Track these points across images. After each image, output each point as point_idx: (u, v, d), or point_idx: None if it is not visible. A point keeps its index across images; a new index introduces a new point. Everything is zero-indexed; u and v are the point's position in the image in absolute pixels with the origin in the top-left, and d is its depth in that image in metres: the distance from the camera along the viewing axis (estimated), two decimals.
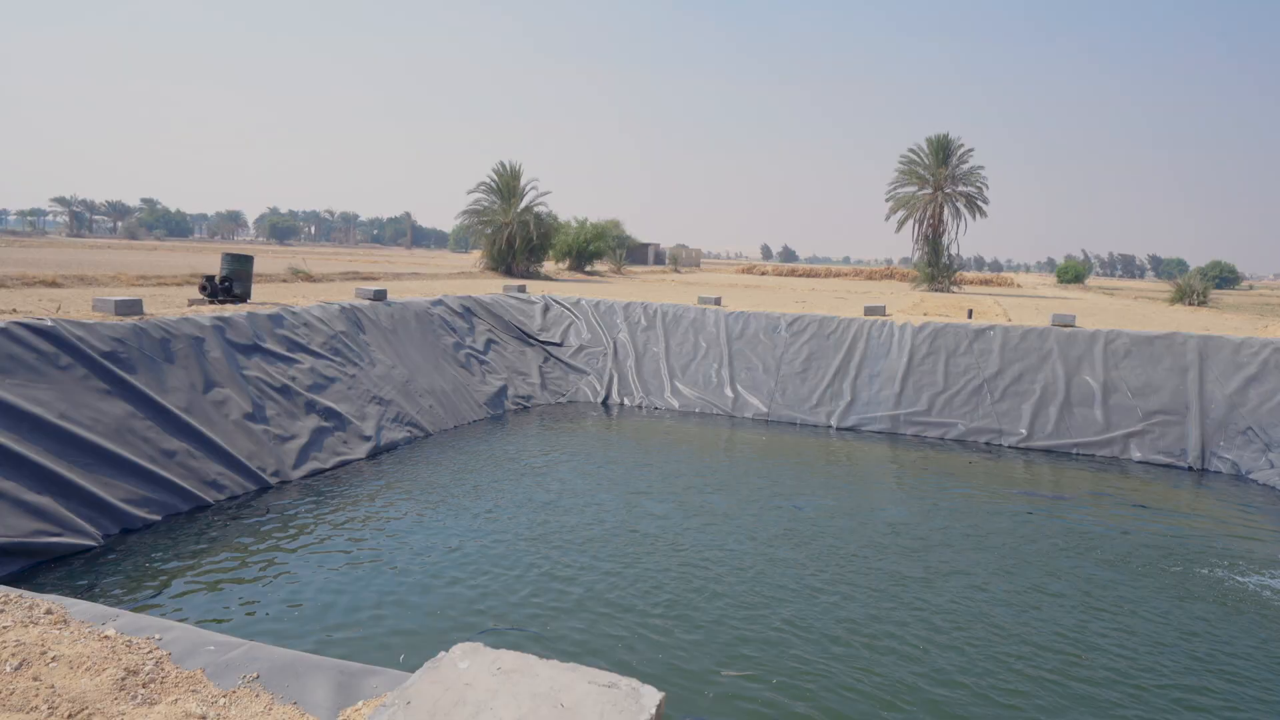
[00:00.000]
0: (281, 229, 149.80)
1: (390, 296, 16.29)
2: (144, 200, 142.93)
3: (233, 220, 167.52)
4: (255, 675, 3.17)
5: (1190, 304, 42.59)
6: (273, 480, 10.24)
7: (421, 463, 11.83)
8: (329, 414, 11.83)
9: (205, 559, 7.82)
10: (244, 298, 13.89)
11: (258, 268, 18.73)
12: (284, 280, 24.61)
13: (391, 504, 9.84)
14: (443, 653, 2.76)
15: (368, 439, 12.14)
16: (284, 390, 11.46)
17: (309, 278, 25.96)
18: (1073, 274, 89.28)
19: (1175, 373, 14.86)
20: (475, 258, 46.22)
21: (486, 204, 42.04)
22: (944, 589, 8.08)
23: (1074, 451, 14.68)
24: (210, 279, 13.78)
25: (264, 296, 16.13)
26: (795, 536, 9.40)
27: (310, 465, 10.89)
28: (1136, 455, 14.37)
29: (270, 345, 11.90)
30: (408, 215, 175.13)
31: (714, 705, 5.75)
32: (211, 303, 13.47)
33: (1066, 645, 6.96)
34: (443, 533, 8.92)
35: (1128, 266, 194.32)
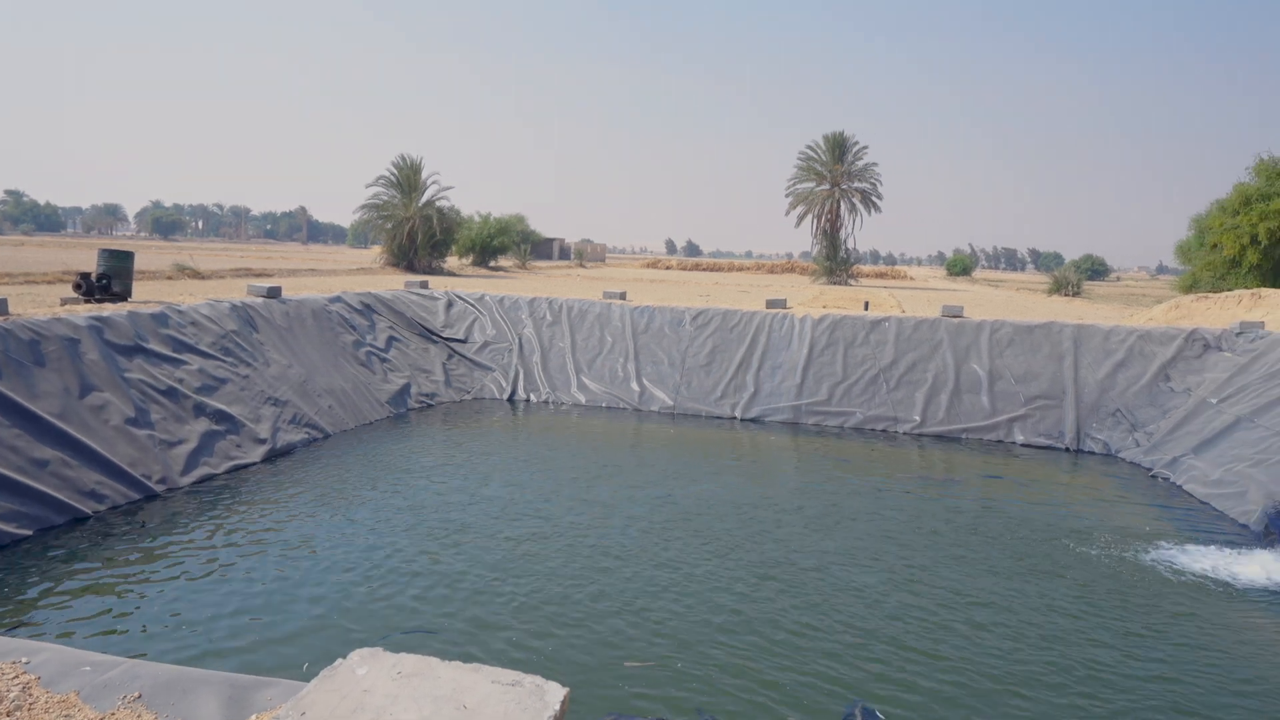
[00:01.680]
0: (166, 224, 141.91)
1: (285, 294, 15.68)
2: (8, 192, 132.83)
3: (111, 214, 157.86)
4: (137, 695, 3.00)
5: (1066, 295, 45.21)
6: (159, 488, 9.73)
7: (320, 465, 11.46)
8: (220, 417, 11.32)
9: (81, 574, 7.36)
10: (124, 296, 13.13)
11: (140, 264, 17.71)
12: (169, 278, 23.38)
13: (288, 508, 9.50)
14: (340, 659, 2.68)
15: (263, 442, 11.66)
16: (170, 393, 10.89)
17: (197, 275, 24.75)
18: (961, 267, 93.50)
19: (1053, 360, 15.77)
20: (375, 253, 44.98)
21: (387, 198, 40.99)
22: (833, 573, 8.35)
23: (963, 436, 15.40)
24: (86, 276, 12.96)
25: (147, 295, 15.28)
26: (687, 527, 9.54)
27: (201, 471, 10.39)
28: (1020, 438, 15.18)
29: (154, 346, 11.28)
30: (303, 209, 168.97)
31: (620, 696, 5.78)
32: (88, 301, 12.67)
33: (954, 619, 7.30)
34: (342, 536, 8.67)
35: (1010, 259, 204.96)
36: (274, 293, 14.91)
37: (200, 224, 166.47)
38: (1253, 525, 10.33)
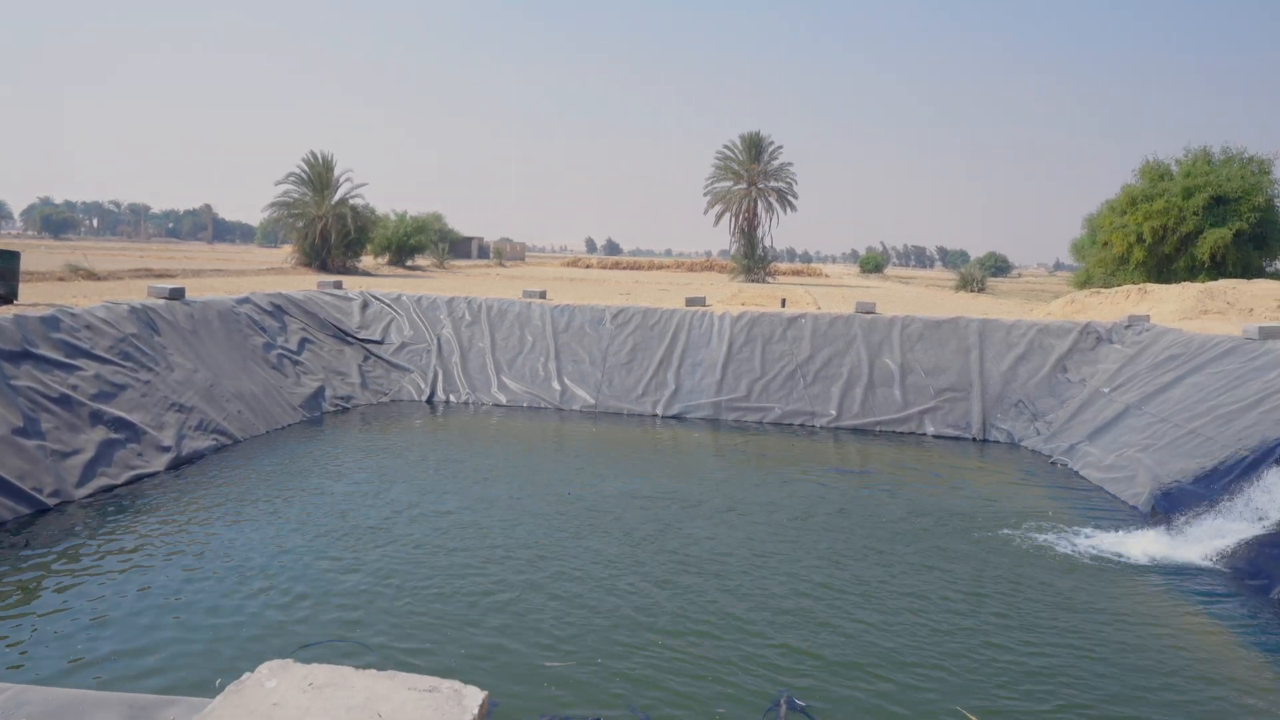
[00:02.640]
0: (56, 222, 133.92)
1: (190, 295, 15.03)
2: None
3: None
4: None
5: (972, 291, 47.07)
6: (51, 501, 9.21)
7: (229, 472, 11.04)
8: (119, 424, 10.78)
9: None
10: (9, 298, 12.39)
11: (27, 265, 16.69)
12: (61, 279, 22.14)
13: (194, 518, 9.12)
14: (247, 673, 2.60)
15: (167, 449, 11.17)
16: (63, 400, 10.32)
17: (92, 275, 23.52)
18: (873, 264, 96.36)
19: (960, 354, 16.40)
20: (287, 253, 43.54)
21: (297, 196, 39.77)
22: (752, 565, 8.51)
23: (877, 429, 15.87)
24: None
25: (36, 297, 14.45)
26: (604, 524, 9.58)
27: (99, 482, 9.88)
28: (930, 430, 15.74)
29: (45, 351, 10.67)
30: (208, 208, 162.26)
31: (545, 696, 5.77)
32: None
33: (869, 604, 7.53)
34: (250, 545, 8.38)
35: (920, 257, 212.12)
36: (177, 294, 14.29)
37: (95, 222, 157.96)
38: (1141, 507, 10.96)
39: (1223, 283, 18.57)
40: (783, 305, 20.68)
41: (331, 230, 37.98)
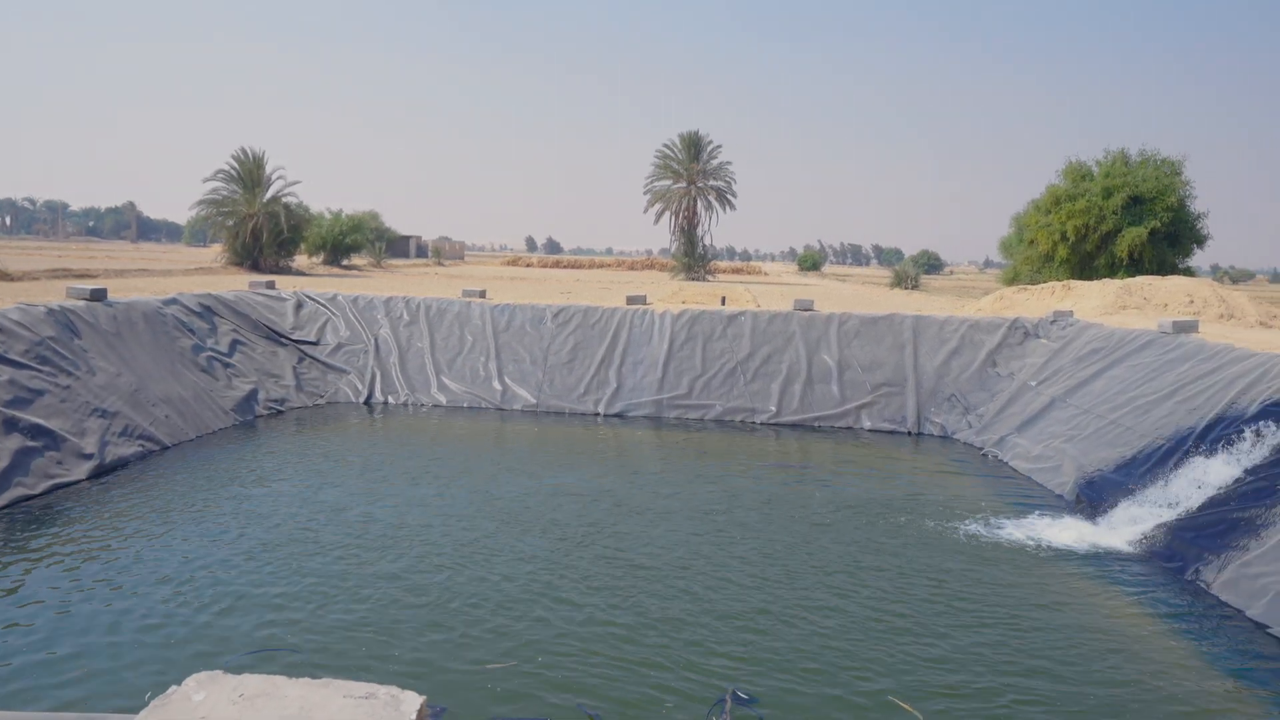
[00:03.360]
0: None
1: (113, 296, 14.47)
2: None
3: None
4: None
5: (906, 288, 48.17)
6: None
7: (155, 479, 10.68)
8: (36, 432, 10.33)
9: None
10: None
11: None
12: None
13: (118, 528, 8.80)
14: (174, 686, 2.52)
15: (89, 457, 10.74)
16: None
17: (5, 276, 22.45)
18: (811, 262, 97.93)
19: (895, 349, 16.78)
20: (216, 252, 42.24)
21: (227, 193, 38.61)
22: (694, 561, 8.58)
23: (816, 424, 16.14)
24: None
25: None
26: (542, 523, 9.56)
27: (14, 492, 9.45)
28: (867, 424, 16.07)
29: None
30: (131, 205, 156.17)
31: (488, 699, 5.73)
32: None
33: (810, 595, 7.66)
34: (177, 554, 8.12)
35: (856, 255, 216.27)
36: (98, 295, 13.74)
37: (8, 220, 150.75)
38: (1066, 495, 11.38)
39: (1140, 279, 19.38)
40: (723, 303, 20.87)
41: (263, 229, 36.99)
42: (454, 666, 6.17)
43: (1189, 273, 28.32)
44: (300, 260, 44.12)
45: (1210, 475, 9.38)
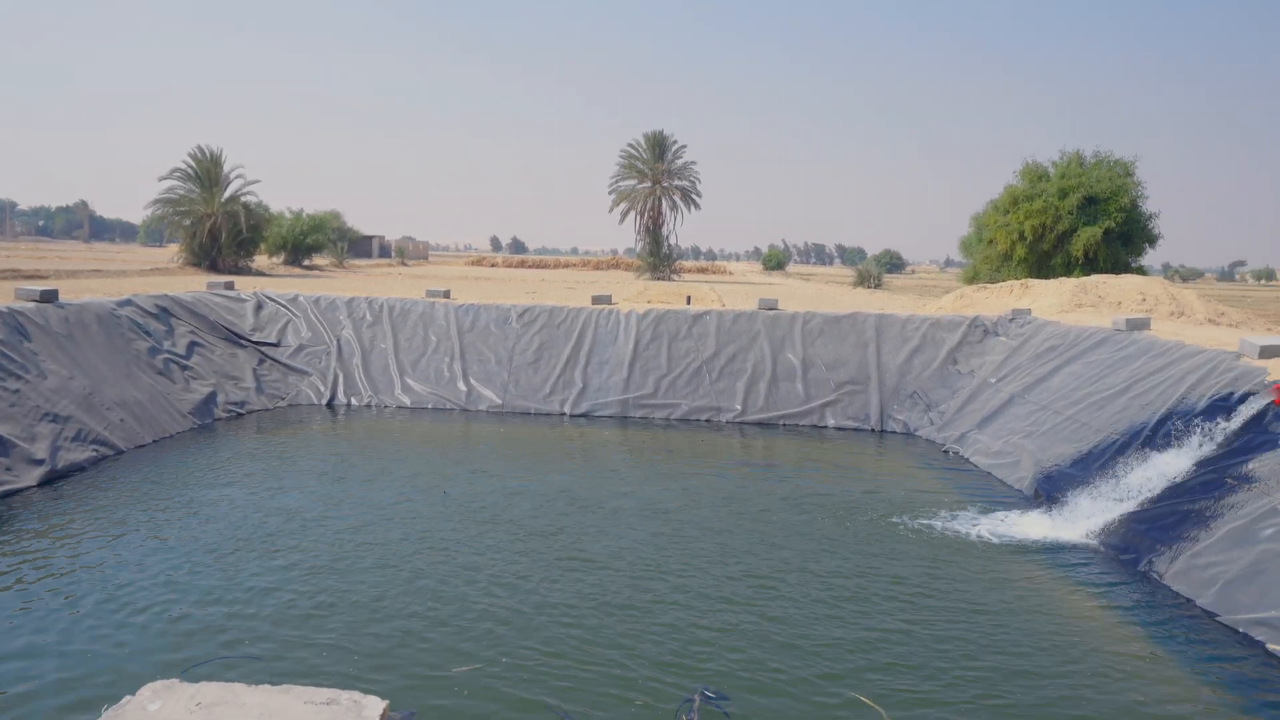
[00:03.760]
0: None
1: (65, 297, 14.11)
2: None
3: None
4: None
5: (869, 287, 48.73)
6: None
7: (109, 485, 10.43)
8: None
9: None
10: None
11: None
12: None
13: (71, 536, 8.58)
14: (128, 696, 2.47)
15: (39, 463, 10.47)
16: None
17: None
18: (775, 262, 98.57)
19: (858, 347, 16.96)
20: (173, 252, 41.37)
21: (184, 192, 37.83)
22: (660, 559, 8.60)
23: (781, 423, 16.25)
24: None
25: None
26: (503, 523, 9.52)
27: None
28: (831, 422, 16.23)
29: None
30: (84, 204, 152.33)
31: (454, 702, 5.68)
32: None
33: (776, 591, 7.71)
34: (131, 561, 7.94)
35: (820, 254, 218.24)
36: (49, 296, 13.40)
37: None
38: (1025, 490, 11.59)
39: (1094, 278, 19.79)
40: (688, 303, 20.93)
41: (222, 229, 36.30)
42: (418, 670, 6.11)
43: (1141, 271, 29.00)
44: (260, 260, 43.40)
45: (1162, 469, 9.61)
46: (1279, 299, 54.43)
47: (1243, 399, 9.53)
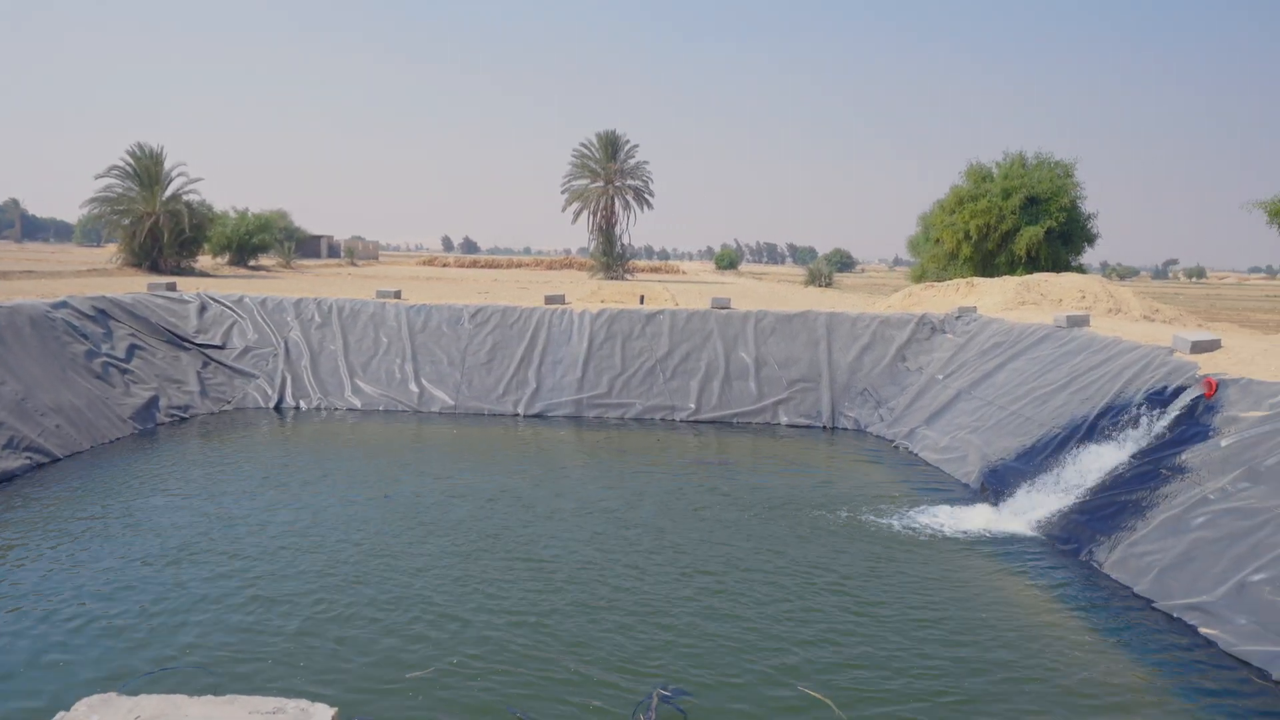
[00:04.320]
0: None
1: None
2: None
3: None
4: None
5: (820, 285, 49.33)
6: None
7: (44, 493, 10.09)
8: None
9: None
10: None
11: None
12: None
13: (1, 547, 8.27)
14: (62, 712, 2.40)
15: None
16: None
17: None
18: (728, 261, 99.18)
19: (810, 345, 17.17)
20: (111, 252, 40.13)
21: (122, 190, 36.69)
22: (611, 559, 8.61)
23: (734, 421, 16.37)
24: None
25: None
26: (440, 526, 9.45)
27: None
28: (784, 420, 16.40)
29: None
30: (15, 202, 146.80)
31: (408, 709, 5.61)
32: None
33: (730, 589, 7.77)
34: (65, 572, 7.69)
35: (772, 253, 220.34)
36: None
37: None
38: (972, 484, 11.86)
39: (1037, 276, 20.31)
40: (641, 302, 20.97)
41: (164, 228, 35.29)
42: (367, 678, 6.03)
43: (1081, 270, 29.83)
44: (204, 261, 42.32)
45: (1101, 461, 9.92)
46: (1209, 296, 56.51)
47: (1176, 393, 9.88)
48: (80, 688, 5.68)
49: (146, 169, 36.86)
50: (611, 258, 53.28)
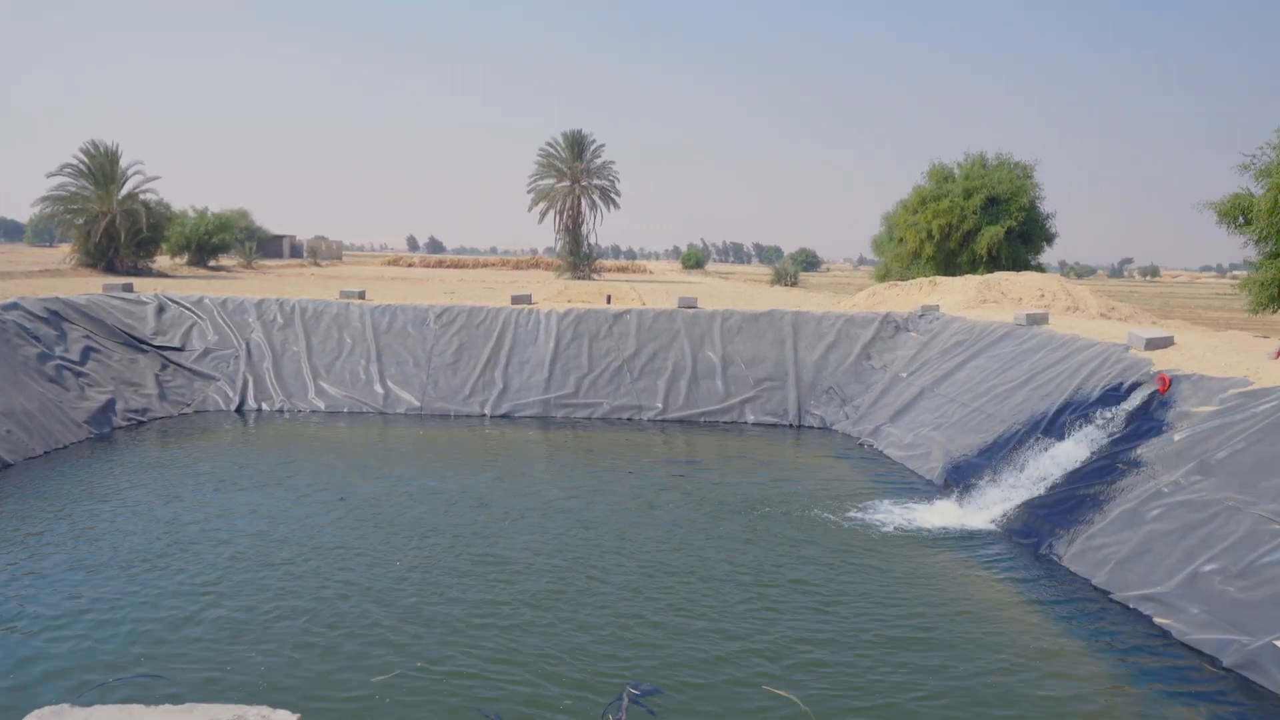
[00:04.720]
0: None
1: None
2: None
3: None
4: None
5: (786, 285, 49.70)
6: None
7: None
8: None
9: None
10: None
11: None
12: None
13: None
14: None
15: None
16: None
17: None
18: (695, 260, 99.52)
19: (776, 344, 17.29)
20: (65, 253, 39.21)
21: (76, 189, 35.88)
22: (579, 559, 8.61)
23: (702, 420, 16.44)
24: None
25: None
26: (419, 527, 9.39)
27: None
28: (750, 418, 16.49)
29: None
30: None
31: (370, 713, 5.56)
32: None
33: (696, 586, 7.80)
34: (21, 581, 7.50)
35: (738, 253, 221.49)
36: None
37: None
38: (935, 480, 12.03)
39: (998, 275, 20.65)
40: (608, 302, 20.96)
41: (120, 228, 34.55)
42: (335, 680, 5.95)
43: (1040, 269, 30.36)
44: (162, 261, 41.53)
45: (1060, 456, 10.11)
46: (1163, 294, 57.91)
47: (1132, 388, 10.11)
48: (33, 699, 5.54)
49: (101, 167, 36.09)
50: (578, 257, 53.23)
